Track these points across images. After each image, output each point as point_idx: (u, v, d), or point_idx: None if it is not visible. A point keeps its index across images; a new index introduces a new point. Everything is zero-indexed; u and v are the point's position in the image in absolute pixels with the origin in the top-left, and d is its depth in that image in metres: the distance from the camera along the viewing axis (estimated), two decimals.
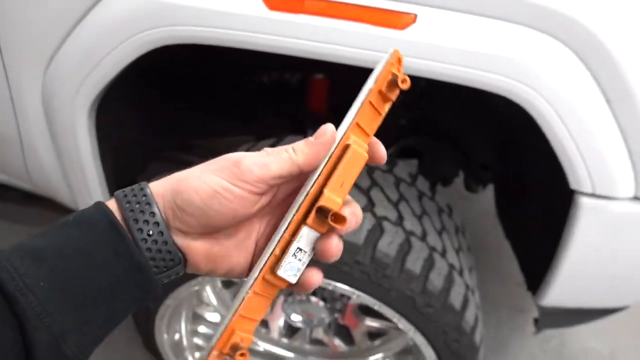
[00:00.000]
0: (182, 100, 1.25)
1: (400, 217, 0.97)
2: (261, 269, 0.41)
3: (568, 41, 0.70)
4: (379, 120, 0.43)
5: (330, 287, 0.96)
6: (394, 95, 0.43)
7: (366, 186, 0.99)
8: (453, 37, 0.73)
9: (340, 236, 0.42)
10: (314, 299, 1.20)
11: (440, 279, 0.95)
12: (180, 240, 0.42)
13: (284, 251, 0.41)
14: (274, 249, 0.41)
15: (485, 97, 0.81)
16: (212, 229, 0.42)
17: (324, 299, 1.20)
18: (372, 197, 0.97)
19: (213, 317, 1.31)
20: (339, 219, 0.40)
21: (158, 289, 0.42)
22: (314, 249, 0.42)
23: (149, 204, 0.40)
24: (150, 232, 0.40)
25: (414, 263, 0.92)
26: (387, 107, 0.43)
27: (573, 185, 0.83)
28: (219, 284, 1.26)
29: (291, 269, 0.41)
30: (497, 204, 1.48)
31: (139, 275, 0.40)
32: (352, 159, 0.41)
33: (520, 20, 0.70)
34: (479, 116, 1.34)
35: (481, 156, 1.46)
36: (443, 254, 0.99)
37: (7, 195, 1.30)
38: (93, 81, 0.88)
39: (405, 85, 0.42)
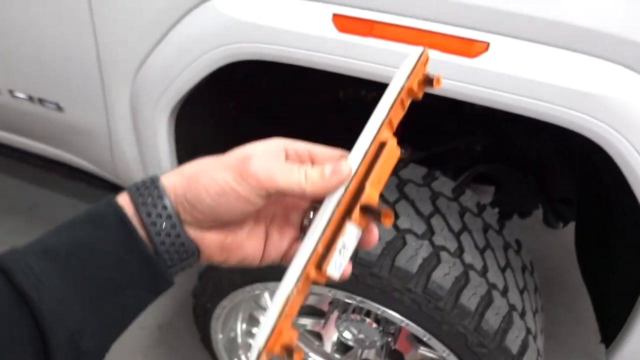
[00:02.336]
0: (258, 114, 1.30)
1: (461, 249, 0.93)
2: (304, 267, 0.40)
3: None
4: (401, 116, 0.45)
5: (379, 312, 0.94)
6: (421, 94, 0.44)
7: (427, 212, 0.96)
8: (525, 67, 0.69)
9: None
10: (367, 319, 1.18)
11: (498, 318, 0.89)
12: (193, 233, 0.42)
13: (329, 248, 0.40)
14: (316, 245, 0.40)
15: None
16: (223, 223, 0.43)
17: (377, 321, 1.18)
18: (432, 225, 0.94)
19: None
20: (386, 215, 0.40)
21: (170, 282, 0.42)
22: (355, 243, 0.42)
23: (160, 197, 0.41)
24: (163, 225, 0.40)
25: (470, 299, 0.88)
26: (409, 102, 0.45)
27: None
28: None
29: (336, 266, 0.41)
30: (576, 242, 1.37)
31: (150, 269, 0.40)
32: (388, 155, 0.42)
33: (597, 53, 0.65)
34: (562, 146, 1.25)
35: (563, 189, 1.36)
36: (504, 292, 0.94)
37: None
38: (173, 91, 0.94)
39: (439, 86, 0.43)
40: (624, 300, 0.92)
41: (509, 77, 0.70)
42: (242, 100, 1.23)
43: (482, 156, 1.37)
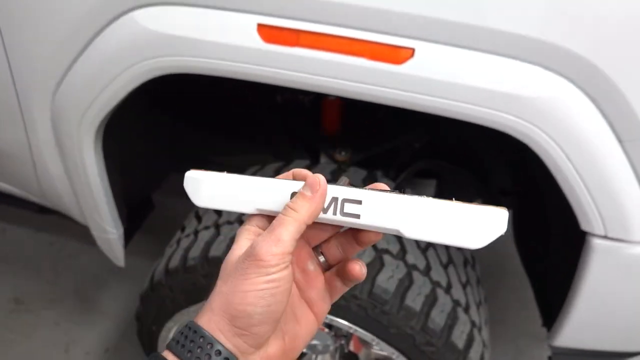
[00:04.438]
0: (194, 120, 1.26)
1: (403, 250, 0.94)
2: None
3: (576, 80, 0.66)
4: None
5: (326, 320, 0.94)
6: None
7: None
8: (450, 72, 0.70)
9: None
10: None
11: (443, 316, 0.91)
12: (257, 358, 0.42)
13: None
14: None
15: None
16: (278, 321, 0.43)
17: (329, 326, 1.18)
18: None
19: None
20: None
21: None
22: None
23: (210, 343, 0.40)
24: None
25: (415, 299, 0.89)
26: None
27: (584, 226, 0.79)
28: None
29: None
30: (514, 231, 1.42)
31: None
32: None
33: (523, 57, 0.66)
34: (496, 140, 1.29)
35: (500, 180, 1.41)
36: (448, 289, 0.95)
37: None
38: (97, 107, 0.89)
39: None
40: (560, 284, 0.96)
41: (434, 81, 0.70)
42: (177, 111, 1.19)
43: (421, 152, 1.39)
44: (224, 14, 0.74)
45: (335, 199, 0.44)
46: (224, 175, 0.49)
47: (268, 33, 0.74)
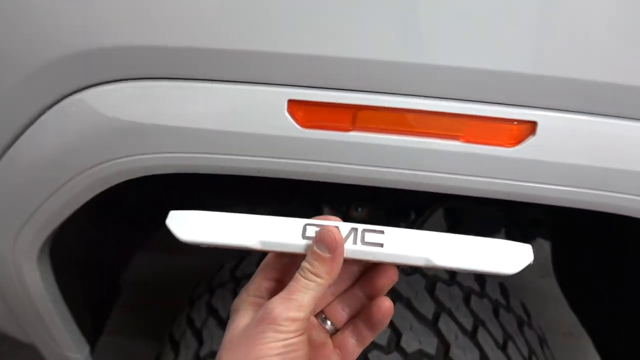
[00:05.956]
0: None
1: (445, 344, 0.70)
2: None
3: None
4: None
5: None
6: None
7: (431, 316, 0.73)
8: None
9: None
10: None
11: None
12: None
13: None
14: None
15: None
16: None
17: None
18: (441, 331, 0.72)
19: None
20: None
21: None
22: None
23: None
24: None
25: None
26: None
27: None
28: None
29: None
30: (554, 266, 1.24)
31: None
32: None
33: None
34: None
35: (530, 209, 1.22)
36: None
37: None
38: (36, 224, 0.60)
39: None
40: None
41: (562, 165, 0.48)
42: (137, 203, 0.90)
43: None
44: (245, 88, 0.47)
45: (354, 230, 0.41)
46: (217, 213, 0.42)
47: (304, 113, 0.48)
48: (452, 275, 0.83)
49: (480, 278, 0.86)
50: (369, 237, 0.40)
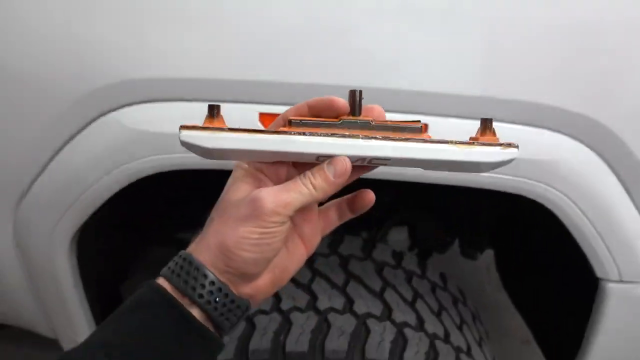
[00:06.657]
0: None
1: (388, 309, 0.88)
2: None
3: (586, 140, 0.68)
4: None
5: None
6: None
7: (342, 282, 0.91)
8: None
9: None
10: None
11: None
12: (247, 289, 0.44)
13: None
14: None
15: None
16: (271, 261, 0.45)
17: None
18: (350, 295, 0.88)
19: None
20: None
21: (222, 345, 0.45)
22: None
23: (204, 275, 0.42)
24: (217, 299, 0.42)
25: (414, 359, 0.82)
26: None
27: (599, 274, 0.80)
28: None
29: None
30: (498, 270, 1.44)
31: (204, 342, 0.43)
32: None
33: (537, 123, 0.68)
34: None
35: (474, 225, 1.42)
36: (446, 338, 0.88)
37: None
38: (73, 214, 0.80)
39: None
40: (568, 331, 0.97)
41: None
42: (156, 205, 1.10)
43: (392, 205, 1.37)
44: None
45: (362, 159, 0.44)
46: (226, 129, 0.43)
47: (270, 122, 0.70)
48: (398, 262, 1.03)
49: (422, 265, 1.06)
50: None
